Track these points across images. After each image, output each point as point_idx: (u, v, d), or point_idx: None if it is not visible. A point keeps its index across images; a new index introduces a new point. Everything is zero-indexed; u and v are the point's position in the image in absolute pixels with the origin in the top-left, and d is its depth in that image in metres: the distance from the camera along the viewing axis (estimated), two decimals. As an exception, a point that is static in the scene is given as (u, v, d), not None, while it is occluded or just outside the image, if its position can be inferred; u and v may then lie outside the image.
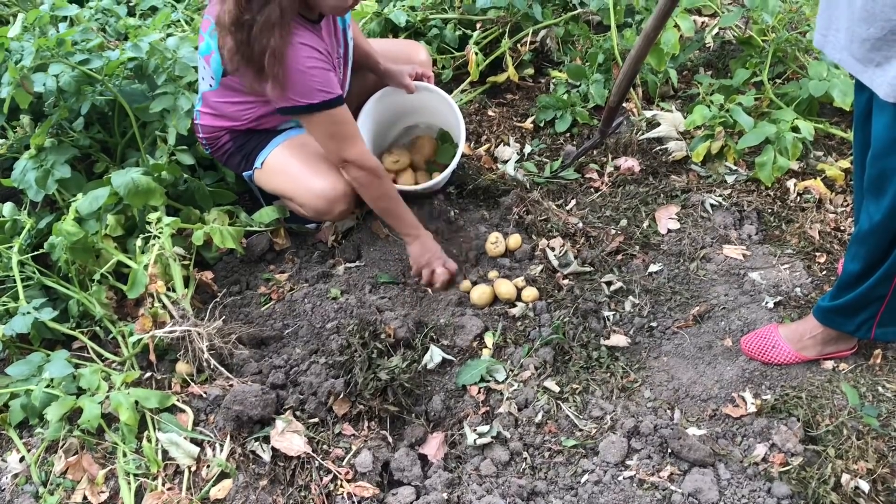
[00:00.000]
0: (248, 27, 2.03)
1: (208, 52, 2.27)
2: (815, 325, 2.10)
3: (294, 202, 2.47)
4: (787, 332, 2.16)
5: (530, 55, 3.37)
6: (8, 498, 1.93)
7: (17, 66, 2.31)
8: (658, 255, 2.53)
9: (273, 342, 2.26)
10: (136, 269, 2.19)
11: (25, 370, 2.12)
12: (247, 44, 2.05)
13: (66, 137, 2.57)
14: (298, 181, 2.40)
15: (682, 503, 1.82)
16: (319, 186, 2.38)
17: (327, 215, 2.46)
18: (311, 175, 2.39)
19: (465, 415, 2.09)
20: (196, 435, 2.00)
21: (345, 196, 2.41)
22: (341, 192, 2.39)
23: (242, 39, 2.05)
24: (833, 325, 2.06)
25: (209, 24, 2.23)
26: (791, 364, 2.14)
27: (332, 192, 2.38)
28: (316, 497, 1.89)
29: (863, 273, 1.90)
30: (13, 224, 2.45)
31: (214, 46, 2.22)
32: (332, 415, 2.04)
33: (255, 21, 2.01)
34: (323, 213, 2.44)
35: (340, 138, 2.27)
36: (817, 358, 2.14)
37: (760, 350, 2.16)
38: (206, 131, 2.46)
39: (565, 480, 1.93)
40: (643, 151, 2.95)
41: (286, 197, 2.49)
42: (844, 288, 1.97)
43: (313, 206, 2.41)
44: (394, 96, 2.72)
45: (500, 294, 2.37)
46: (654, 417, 2.02)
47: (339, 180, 2.39)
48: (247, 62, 2.09)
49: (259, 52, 2.05)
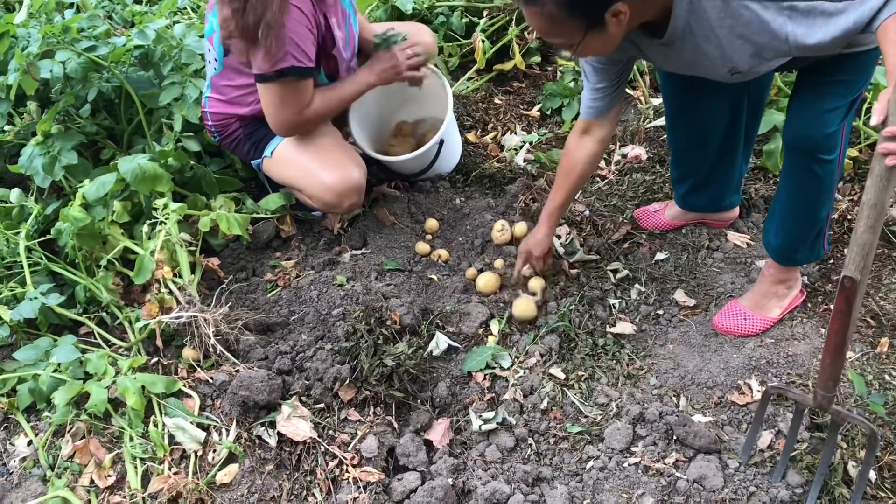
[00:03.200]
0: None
1: (211, 32, 2.27)
2: (768, 285, 2.21)
3: (303, 193, 2.47)
4: (747, 302, 2.24)
5: (537, 43, 3.36)
6: (16, 481, 1.94)
7: (23, 52, 2.31)
8: (664, 243, 2.53)
9: (279, 328, 2.26)
10: (143, 254, 2.19)
11: (33, 355, 2.13)
12: (242, 12, 2.04)
13: (73, 124, 2.58)
14: (308, 173, 2.40)
15: (686, 490, 1.82)
16: (329, 179, 2.37)
17: (337, 208, 2.46)
18: (321, 167, 2.39)
19: (471, 401, 2.09)
20: (202, 420, 2.00)
21: (355, 189, 2.41)
22: (351, 185, 2.39)
23: (239, 7, 2.05)
24: (793, 260, 2.16)
25: (213, 5, 2.23)
26: (766, 330, 2.21)
27: (341, 185, 2.38)
28: (321, 482, 1.89)
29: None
30: (20, 210, 2.46)
31: (216, 25, 2.22)
32: (337, 400, 2.05)
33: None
34: (332, 205, 2.44)
35: (283, 103, 2.25)
36: (782, 315, 2.23)
37: (735, 325, 2.21)
38: (215, 118, 2.45)
39: (570, 467, 1.93)
40: (650, 139, 2.94)
41: (295, 188, 2.49)
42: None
43: (322, 199, 2.41)
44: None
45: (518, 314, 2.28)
46: (659, 404, 2.02)
47: (349, 173, 2.39)
48: (241, 32, 2.08)
49: (254, 21, 2.04)
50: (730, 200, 2.48)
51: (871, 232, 1.48)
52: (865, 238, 1.49)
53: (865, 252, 1.50)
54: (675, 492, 1.83)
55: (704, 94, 2.13)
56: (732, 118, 2.22)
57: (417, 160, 2.64)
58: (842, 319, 1.59)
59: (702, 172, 2.36)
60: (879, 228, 1.48)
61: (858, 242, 1.50)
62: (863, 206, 1.47)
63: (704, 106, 2.18)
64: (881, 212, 1.46)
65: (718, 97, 2.14)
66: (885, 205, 1.45)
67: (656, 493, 1.83)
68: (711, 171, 2.35)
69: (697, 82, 1.97)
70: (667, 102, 2.32)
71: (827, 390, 1.69)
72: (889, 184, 1.43)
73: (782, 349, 2.14)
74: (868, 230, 1.48)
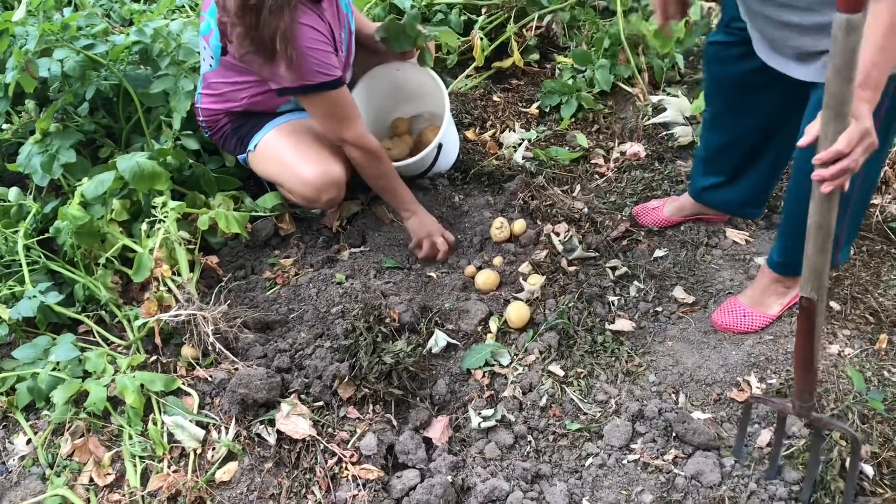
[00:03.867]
0: (255, 11, 2.02)
1: (208, 31, 2.27)
2: (767, 282, 2.20)
3: (283, 188, 2.47)
4: (746, 298, 2.23)
5: (536, 40, 3.36)
6: (15, 479, 1.94)
7: (21, 50, 2.30)
8: (663, 240, 2.53)
9: (278, 326, 2.27)
10: (142, 253, 2.19)
11: (32, 353, 2.13)
12: (256, 27, 2.04)
13: (71, 122, 2.58)
14: (287, 167, 2.39)
15: (685, 486, 1.82)
16: (308, 174, 2.35)
17: (315, 203, 2.44)
18: (301, 161, 2.37)
19: (470, 398, 2.09)
20: (201, 418, 2.00)
21: (333, 184, 2.38)
22: (330, 179, 2.37)
23: (251, 24, 2.04)
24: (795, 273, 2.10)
25: (209, 4, 2.22)
26: (766, 327, 2.20)
27: (319, 180, 2.35)
28: (321, 479, 1.89)
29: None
30: (19, 209, 2.46)
31: (214, 25, 2.21)
32: (336, 398, 2.05)
33: (263, 4, 2.00)
34: (311, 200, 2.42)
35: (337, 119, 2.29)
36: (782, 312, 2.22)
37: (735, 322, 2.21)
38: (206, 114, 2.46)
39: (569, 464, 1.93)
40: (649, 137, 2.94)
41: (277, 182, 2.49)
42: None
43: (301, 193, 2.40)
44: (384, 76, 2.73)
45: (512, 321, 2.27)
46: (658, 401, 2.02)
47: (328, 168, 2.37)
48: (256, 46, 2.08)
49: (270, 36, 2.04)
50: (750, 211, 2.48)
51: (821, 253, 1.49)
52: (816, 260, 1.50)
53: (819, 272, 1.51)
54: (674, 488, 1.83)
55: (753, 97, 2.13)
56: (774, 126, 2.19)
57: (416, 165, 2.65)
58: (806, 337, 1.61)
59: (730, 172, 2.35)
60: (829, 248, 1.48)
61: (810, 265, 1.51)
62: (809, 228, 1.47)
63: (751, 108, 2.16)
64: (827, 233, 1.46)
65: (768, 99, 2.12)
66: (830, 226, 1.46)
67: (655, 490, 1.83)
68: (741, 173, 2.34)
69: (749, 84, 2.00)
70: (713, 101, 2.29)
71: (804, 401, 1.70)
72: (831, 206, 1.44)
73: (781, 346, 2.14)
74: (818, 252, 1.49)
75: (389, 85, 2.80)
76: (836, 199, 1.44)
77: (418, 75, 2.72)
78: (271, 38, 2.04)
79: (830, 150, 1.38)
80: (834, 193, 1.42)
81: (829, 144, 1.38)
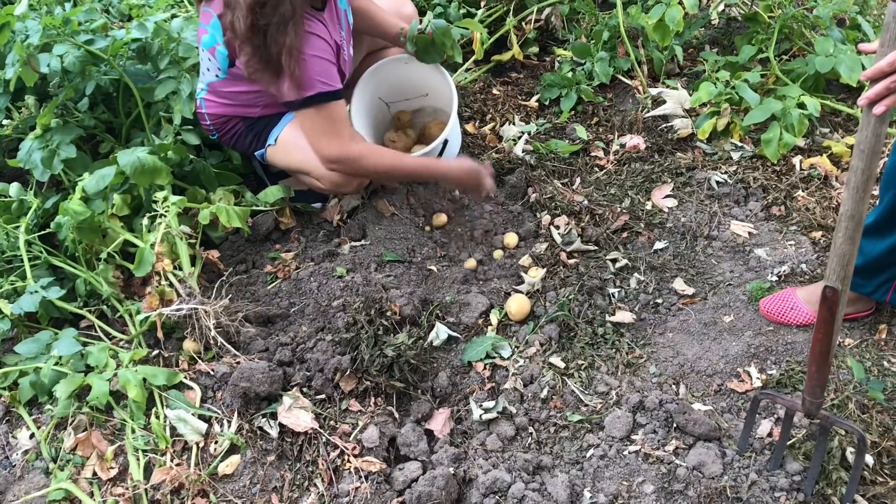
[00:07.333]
0: (263, 31, 2.03)
1: (213, 43, 2.27)
2: None
3: (311, 176, 2.47)
4: (805, 294, 2.18)
5: (535, 33, 3.36)
6: (19, 473, 1.95)
7: (24, 44, 2.30)
8: (663, 232, 2.53)
9: (279, 320, 2.27)
10: (143, 247, 2.19)
11: (34, 348, 2.14)
12: (264, 47, 2.05)
13: (72, 118, 2.57)
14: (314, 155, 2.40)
15: (686, 477, 1.83)
16: None
17: (345, 187, 2.47)
18: None
19: (471, 391, 2.10)
20: (204, 412, 2.01)
21: None
22: None
23: (260, 44, 2.05)
24: (851, 287, 2.06)
25: (210, 17, 2.22)
26: (809, 325, 2.15)
27: None
28: (323, 472, 1.90)
29: (881, 230, 1.92)
30: (20, 204, 2.46)
31: (219, 38, 2.22)
32: (338, 391, 2.05)
33: (270, 23, 2.01)
34: (340, 185, 2.45)
35: (324, 133, 2.28)
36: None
37: (779, 311, 2.18)
38: (214, 118, 2.46)
39: (571, 455, 1.94)
40: (648, 129, 2.94)
41: (302, 171, 2.49)
42: (863, 249, 1.97)
43: (330, 179, 2.41)
44: (392, 68, 2.72)
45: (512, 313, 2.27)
46: (659, 392, 2.03)
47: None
48: (265, 65, 2.09)
49: (276, 53, 2.05)
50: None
51: (849, 242, 1.49)
52: (844, 248, 1.50)
53: (845, 262, 1.51)
54: (675, 479, 1.84)
55: None
56: None
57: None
58: (826, 328, 1.60)
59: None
60: (858, 238, 1.49)
61: (838, 253, 1.51)
62: (841, 217, 1.48)
63: None
64: (859, 222, 1.46)
65: None
66: (862, 215, 1.46)
67: (656, 481, 1.84)
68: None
69: None
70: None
71: (815, 396, 1.70)
72: (865, 195, 1.44)
73: (781, 337, 2.15)
74: (847, 241, 1.49)
75: (397, 77, 2.80)
76: (870, 187, 1.43)
77: (426, 69, 2.72)
78: (278, 54, 2.06)
79: (873, 67, 1.38)
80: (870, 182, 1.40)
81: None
